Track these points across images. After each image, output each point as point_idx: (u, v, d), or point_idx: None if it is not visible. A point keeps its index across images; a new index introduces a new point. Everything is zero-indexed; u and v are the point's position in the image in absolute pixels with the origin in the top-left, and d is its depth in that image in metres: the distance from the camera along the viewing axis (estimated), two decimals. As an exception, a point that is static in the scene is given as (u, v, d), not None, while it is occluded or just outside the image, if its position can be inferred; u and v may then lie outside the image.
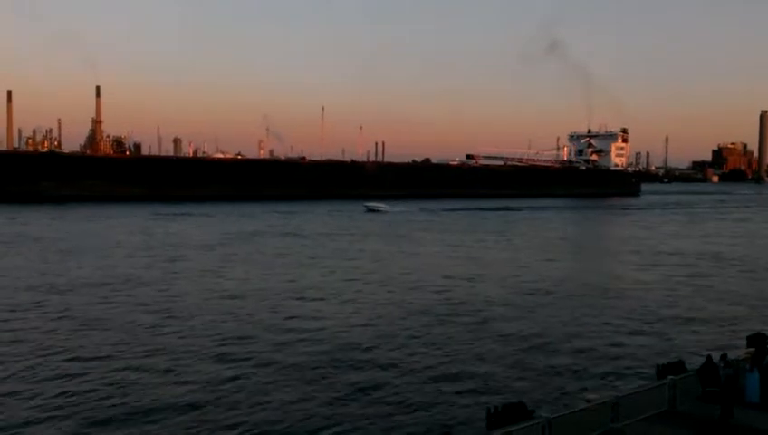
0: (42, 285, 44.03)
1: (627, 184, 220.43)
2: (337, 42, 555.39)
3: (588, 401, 18.65)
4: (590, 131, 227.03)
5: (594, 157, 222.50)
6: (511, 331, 34.18)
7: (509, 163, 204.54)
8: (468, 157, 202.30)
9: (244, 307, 38.57)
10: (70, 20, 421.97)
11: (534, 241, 78.20)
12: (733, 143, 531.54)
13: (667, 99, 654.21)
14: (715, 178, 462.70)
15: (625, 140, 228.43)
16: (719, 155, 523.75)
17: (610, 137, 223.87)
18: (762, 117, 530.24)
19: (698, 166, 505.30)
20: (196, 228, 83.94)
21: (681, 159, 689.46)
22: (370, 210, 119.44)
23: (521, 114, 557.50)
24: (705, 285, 49.18)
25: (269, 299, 40.99)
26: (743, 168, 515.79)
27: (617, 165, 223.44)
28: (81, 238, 70.12)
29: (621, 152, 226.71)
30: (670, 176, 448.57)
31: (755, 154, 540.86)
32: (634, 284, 49.54)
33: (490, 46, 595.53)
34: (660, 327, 35.77)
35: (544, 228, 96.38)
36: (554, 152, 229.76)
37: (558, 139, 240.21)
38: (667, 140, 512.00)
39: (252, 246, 66.77)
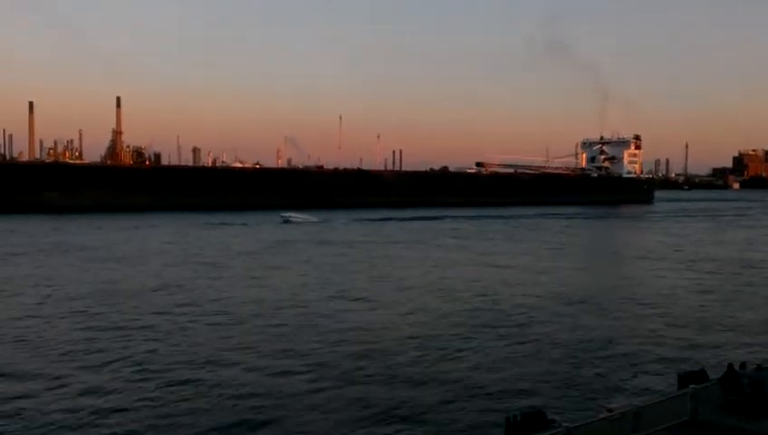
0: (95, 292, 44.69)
1: (639, 191, 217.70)
2: (351, 47, 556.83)
3: (608, 410, 18.49)
4: (602, 138, 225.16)
5: (606, 164, 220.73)
6: (529, 339, 34.06)
7: (519, 171, 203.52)
8: (478, 165, 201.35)
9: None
10: (89, 29, 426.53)
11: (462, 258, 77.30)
12: (754, 150, 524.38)
13: (687, 105, 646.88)
14: (736, 186, 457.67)
15: (638, 147, 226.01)
16: (740, 162, 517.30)
17: (623, 144, 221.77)
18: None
19: (719, 173, 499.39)
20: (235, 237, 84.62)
21: (701, 166, 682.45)
22: (287, 221, 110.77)
23: (539, 120, 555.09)
24: (728, 293, 48.66)
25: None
26: (764, 175, 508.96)
27: (630, 172, 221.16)
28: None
29: (634, 159, 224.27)
30: (690, 183, 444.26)
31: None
32: (653, 292, 49.15)
33: (503, 48, 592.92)
34: (683, 335, 35.45)
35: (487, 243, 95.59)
36: (570, 159, 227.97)
37: (576, 145, 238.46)
38: (686, 146, 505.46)
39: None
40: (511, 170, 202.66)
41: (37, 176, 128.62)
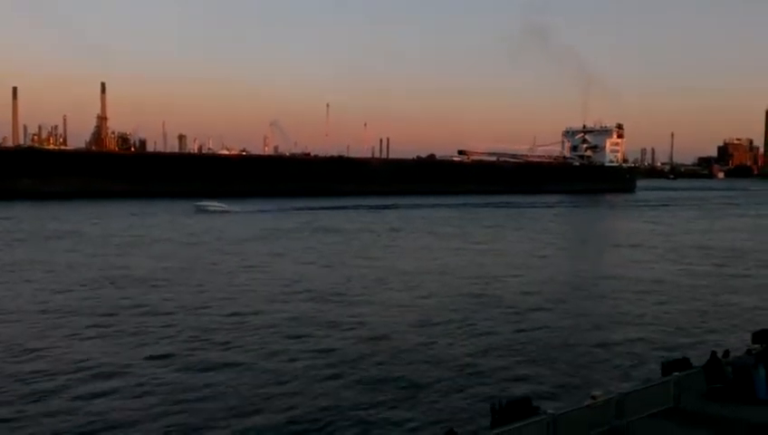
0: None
1: (621, 180, 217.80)
2: (339, 38, 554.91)
3: (593, 397, 18.60)
4: (584, 127, 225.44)
5: (588, 153, 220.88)
6: (513, 329, 34.20)
7: (501, 159, 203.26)
8: (461, 153, 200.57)
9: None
10: (75, 14, 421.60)
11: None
12: (738, 139, 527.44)
13: (673, 95, 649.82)
14: (721, 175, 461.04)
15: (620, 136, 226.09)
16: (725, 151, 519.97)
17: (605, 132, 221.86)
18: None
19: (704, 162, 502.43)
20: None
21: (686, 154, 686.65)
22: (201, 211, 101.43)
23: (528, 108, 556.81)
24: (710, 281, 49.08)
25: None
26: (748, 163, 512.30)
27: (612, 161, 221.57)
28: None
29: (616, 148, 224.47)
30: (676, 172, 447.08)
31: (761, 150, 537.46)
32: (634, 281, 49.46)
33: (493, 38, 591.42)
34: (666, 323, 35.74)
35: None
36: (555, 148, 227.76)
37: (562, 134, 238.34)
38: (672, 136, 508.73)
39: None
40: (493, 159, 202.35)
41: (13, 162, 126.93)
